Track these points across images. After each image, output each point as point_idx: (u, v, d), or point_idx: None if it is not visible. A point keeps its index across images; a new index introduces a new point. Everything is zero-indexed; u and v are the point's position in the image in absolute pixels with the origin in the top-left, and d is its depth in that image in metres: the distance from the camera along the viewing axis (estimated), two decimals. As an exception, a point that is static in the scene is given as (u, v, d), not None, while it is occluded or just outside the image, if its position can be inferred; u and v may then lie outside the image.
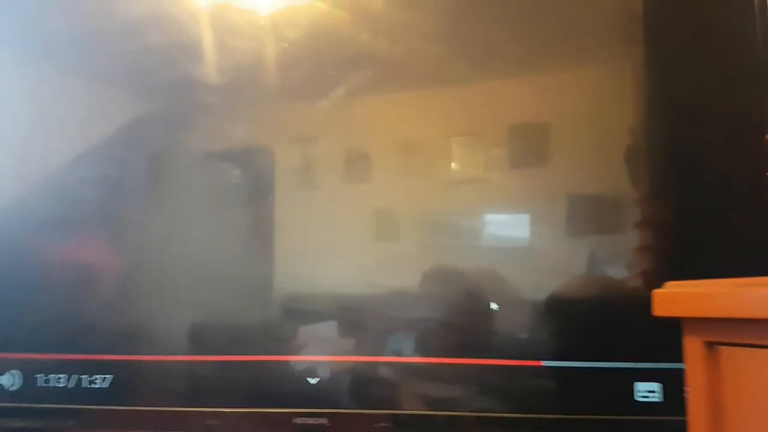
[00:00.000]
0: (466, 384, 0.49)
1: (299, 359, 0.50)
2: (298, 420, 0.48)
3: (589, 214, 0.49)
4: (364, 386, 0.49)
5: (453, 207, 0.51)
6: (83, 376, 0.50)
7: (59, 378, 0.51)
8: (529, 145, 0.50)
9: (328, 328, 0.50)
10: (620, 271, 0.49)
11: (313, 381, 0.49)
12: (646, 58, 0.49)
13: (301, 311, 0.50)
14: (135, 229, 0.53)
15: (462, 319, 0.50)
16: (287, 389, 0.49)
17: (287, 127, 0.52)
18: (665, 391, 0.47)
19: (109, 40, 0.54)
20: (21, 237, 0.53)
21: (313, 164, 0.53)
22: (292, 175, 0.52)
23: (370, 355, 0.49)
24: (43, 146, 0.54)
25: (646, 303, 0.49)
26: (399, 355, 0.49)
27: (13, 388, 0.51)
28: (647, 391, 0.48)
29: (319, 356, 0.50)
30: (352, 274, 0.51)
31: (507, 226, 0.51)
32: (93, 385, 0.50)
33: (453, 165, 0.51)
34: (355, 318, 0.50)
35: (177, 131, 0.53)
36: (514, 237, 0.50)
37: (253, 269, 0.51)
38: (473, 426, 0.48)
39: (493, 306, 0.49)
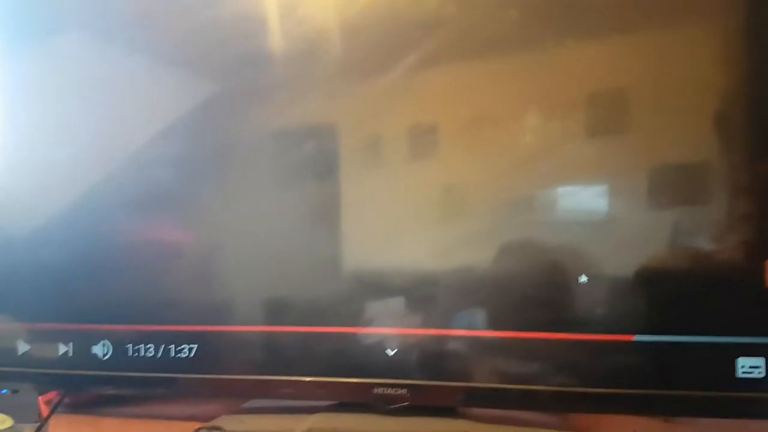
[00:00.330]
0: (549, 359, 0.47)
1: (376, 331, 0.49)
2: (378, 390, 0.48)
3: (676, 184, 0.46)
4: (444, 359, 0.48)
5: (527, 181, 0.48)
6: (170, 346, 0.52)
7: (148, 348, 0.53)
8: (609, 113, 0.47)
9: (402, 303, 0.49)
10: (713, 243, 0.45)
11: (391, 353, 0.49)
12: (738, 14, 0.45)
13: (372, 287, 0.50)
14: (209, 207, 0.53)
15: (544, 293, 0.47)
16: (366, 360, 0.49)
17: (353, 102, 0.51)
18: (770, 366, 0.44)
19: (173, 18, 0.54)
20: (105, 218, 0.55)
21: (381, 139, 0.51)
22: (359, 151, 0.51)
23: (449, 328, 0.48)
24: (118, 130, 0.55)
25: (748, 274, 0.46)
26: (477, 329, 0.48)
27: (106, 357, 0.54)
28: (750, 366, 0.45)
29: (397, 329, 0.49)
30: (424, 251, 0.49)
31: (586, 199, 0.48)
32: (179, 355, 0.52)
33: (527, 137, 0.48)
34: (431, 293, 0.49)
35: (243, 110, 0.53)
36: (594, 210, 0.47)
37: (324, 246, 0.51)
38: (557, 401, 0.46)
39: (582, 278, 0.46)
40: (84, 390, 0.57)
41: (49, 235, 0.56)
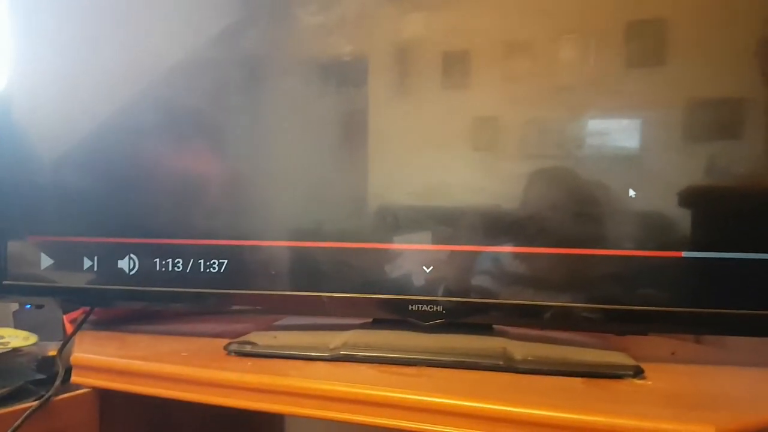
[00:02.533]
0: (592, 276, 0.45)
1: (412, 248, 0.47)
2: (413, 307, 0.46)
3: (713, 118, 0.43)
4: (481, 276, 0.46)
5: (560, 113, 0.45)
6: (199, 261, 0.50)
7: (177, 262, 0.50)
8: (647, 44, 0.43)
9: (437, 222, 0.47)
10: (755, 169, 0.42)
11: (427, 270, 0.47)
12: None
13: (406, 209, 0.47)
14: (240, 130, 0.50)
15: (587, 210, 0.45)
16: (401, 277, 0.47)
17: (382, 30, 0.47)
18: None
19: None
20: (133, 137, 0.52)
21: (410, 70, 0.47)
22: (389, 82, 0.47)
23: (488, 245, 0.46)
24: (148, 52, 0.52)
25: None
26: (516, 245, 0.45)
27: (132, 272, 0.51)
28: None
29: (433, 245, 0.46)
30: (456, 183, 0.46)
31: (621, 130, 0.44)
32: (209, 270, 0.50)
33: (561, 67, 0.45)
34: (467, 213, 0.46)
35: (270, 36, 0.49)
36: (631, 142, 0.44)
37: (355, 171, 0.48)
38: (598, 319, 0.44)
39: (631, 193, 0.43)
40: (110, 305, 0.55)
41: (76, 152, 0.53)
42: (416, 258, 0.47)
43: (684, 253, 0.43)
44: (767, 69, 0.42)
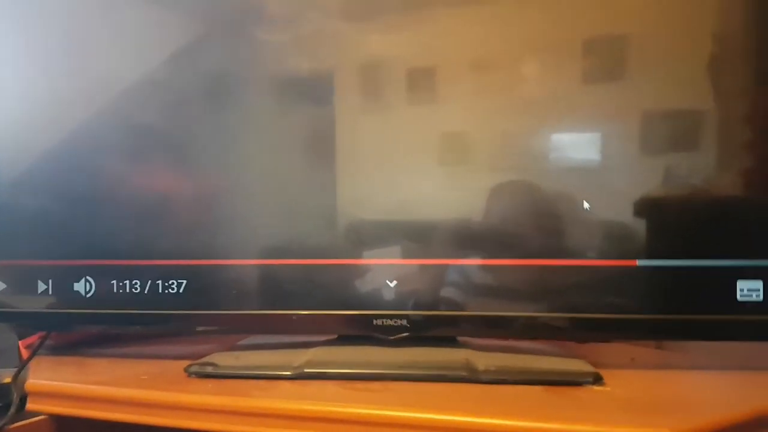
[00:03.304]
0: (550, 286, 0.45)
1: (376, 262, 0.47)
2: (378, 321, 0.46)
3: (669, 131, 0.44)
4: (444, 289, 0.46)
5: (524, 127, 0.46)
6: (158, 282, 0.48)
7: (134, 283, 0.49)
8: (605, 60, 0.45)
9: (402, 236, 0.47)
10: (710, 175, 0.44)
11: (391, 284, 0.46)
12: None
13: (371, 224, 0.47)
14: (202, 145, 0.49)
15: (545, 222, 0.46)
16: (365, 292, 0.46)
17: (347, 47, 0.47)
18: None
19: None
20: (88, 155, 0.50)
21: (377, 86, 0.48)
22: (356, 98, 0.47)
23: (449, 258, 0.46)
24: (108, 66, 0.51)
25: (746, 200, 0.45)
26: (477, 258, 0.46)
27: (89, 295, 0.49)
28: (749, 289, 0.44)
29: (397, 260, 0.46)
30: (420, 198, 0.47)
31: (582, 144, 0.46)
32: (168, 291, 0.48)
33: (524, 83, 0.46)
34: (431, 226, 0.46)
35: (233, 52, 0.49)
36: (589, 156, 0.45)
37: (321, 186, 0.48)
38: (557, 329, 0.45)
39: (585, 205, 0.44)
40: (66, 329, 0.53)
41: (30, 174, 0.51)
42: (381, 272, 0.47)
43: (639, 262, 0.44)
44: (719, 83, 0.44)
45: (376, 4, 0.47)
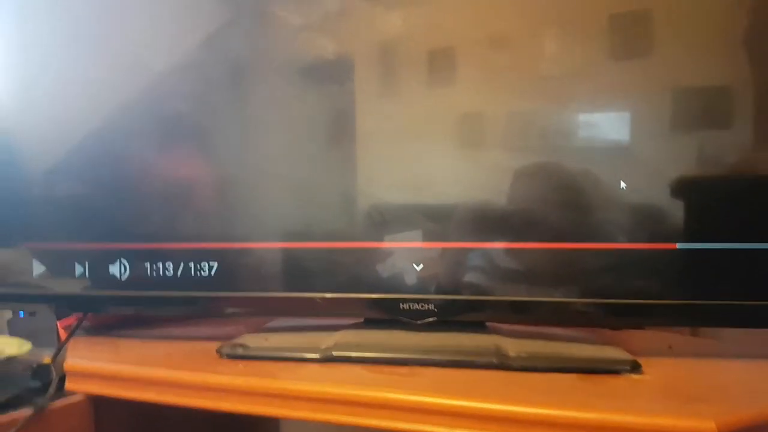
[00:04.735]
0: (586, 270, 0.43)
1: (402, 245, 0.45)
2: (405, 305, 0.44)
3: (703, 107, 0.41)
4: (473, 273, 0.44)
5: (546, 106, 0.43)
6: (189, 264, 0.48)
7: (167, 266, 0.48)
8: (631, 35, 0.41)
9: (427, 218, 0.45)
10: (747, 156, 0.40)
11: (418, 267, 0.45)
12: None
13: (395, 206, 0.45)
14: (228, 132, 0.48)
15: (577, 202, 0.43)
16: (392, 275, 0.45)
17: (365, 29, 0.45)
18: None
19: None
20: (121, 142, 0.50)
21: (396, 68, 0.46)
22: (374, 81, 0.46)
23: (478, 241, 0.44)
24: (129, 59, 0.50)
25: None
26: (507, 241, 0.43)
27: (124, 277, 0.49)
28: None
29: (424, 242, 0.44)
30: (444, 179, 0.45)
31: (608, 123, 0.43)
32: (200, 273, 0.48)
33: (546, 60, 0.43)
34: (457, 209, 0.44)
35: (256, 40, 0.48)
36: (619, 136, 0.42)
37: (343, 170, 0.46)
38: (593, 313, 0.42)
39: (622, 185, 0.42)
40: (102, 311, 0.53)
41: (65, 160, 0.51)
42: (406, 256, 0.45)
43: (678, 245, 0.41)
44: (755, 56, 0.40)
45: None
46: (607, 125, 0.43)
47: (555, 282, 0.43)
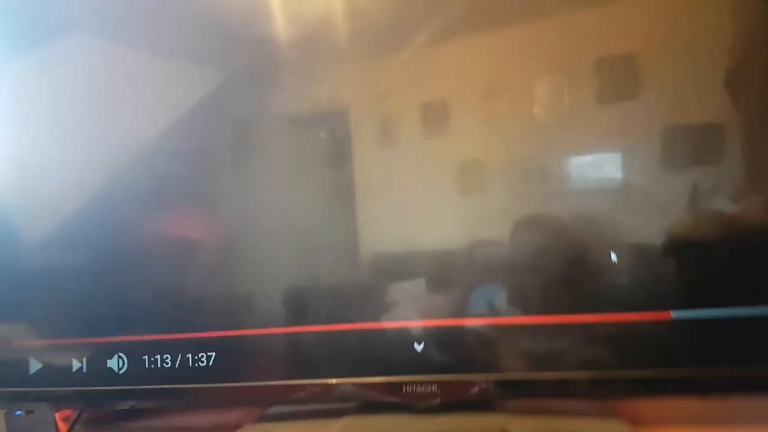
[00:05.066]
0: (582, 343, 0.42)
1: (402, 325, 0.45)
2: (408, 388, 0.44)
3: (691, 146, 0.41)
4: (474, 350, 0.44)
5: (540, 151, 0.43)
6: (187, 355, 0.47)
7: (165, 358, 0.48)
8: (620, 78, 0.43)
9: (427, 293, 0.45)
10: (739, 208, 0.41)
11: (419, 347, 0.45)
12: None
13: (395, 274, 0.45)
14: (221, 202, 0.48)
15: (572, 273, 0.43)
16: (393, 357, 0.44)
17: (364, 82, 0.46)
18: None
19: (178, 8, 0.49)
20: (114, 224, 0.50)
21: (393, 119, 0.47)
22: (372, 133, 0.46)
23: (477, 317, 0.44)
24: (127, 126, 0.50)
25: None
26: (506, 315, 0.43)
27: (122, 371, 0.49)
28: (793, 337, 0.41)
29: (424, 321, 0.44)
30: (444, 231, 0.45)
31: (603, 166, 0.43)
32: (198, 364, 0.47)
33: (538, 106, 0.44)
34: (455, 280, 0.44)
35: (254, 96, 0.48)
36: (612, 177, 0.42)
37: (342, 233, 0.46)
38: (595, 387, 0.42)
39: (613, 257, 0.42)
40: (101, 406, 0.52)
41: (57, 244, 0.50)
42: (407, 336, 0.45)
43: (673, 313, 0.41)
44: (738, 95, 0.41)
45: (387, 42, 0.46)
46: (604, 169, 0.43)
47: (555, 356, 0.43)
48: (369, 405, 0.46)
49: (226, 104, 0.49)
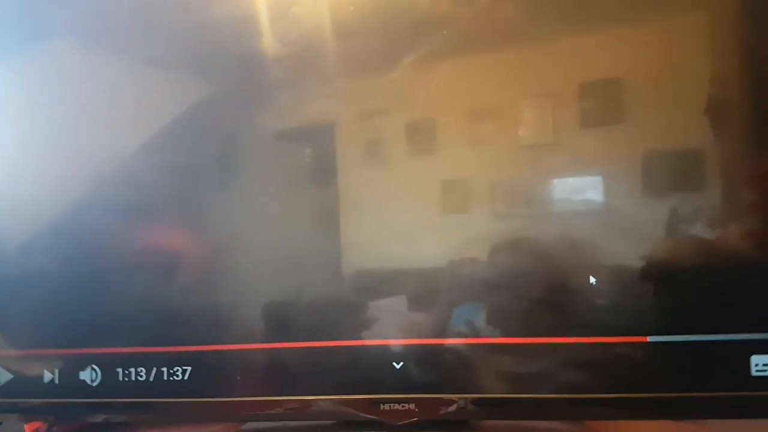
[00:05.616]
0: (560, 365, 0.43)
1: (382, 343, 0.44)
2: (385, 406, 0.43)
3: (674, 173, 0.42)
4: (453, 370, 0.43)
5: (524, 173, 0.44)
6: (162, 369, 0.46)
7: (140, 371, 0.47)
8: (603, 103, 0.43)
9: (408, 311, 0.45)
10: (719, 234, 0.42)
11: (397, 365, 0.44)
12: (731, 2, 0.42)
13: (377, 292, 0.45)
14: (202, 215, 0.48)
15: (552, 295, 0.43)
16: (372, 375, 0.44)
17: (350, 101, 0.46)
18: (784, 364, 0.41)
19: (166, 20, 0.49)
20: (91, 233, 0.49)
21: (379, 138, 0.47)
22: (357, 151, 0.46)
23: (457, 337, 0.43)
24: (108, 136, 0.50)
25: (758, 266, 0.43)
26: (485, 336, 0.43)
27: (95, 383, 0.47)
28: (764, 364, 0.42)
29: (404, 339, 0.44)
30: (427, 250, 0.45)
31: (586, 191, 0.44)
32: (173, 378, 0.46)
33: (523, 129, 0.44)
34: (437, 298, 0.44)
35: (239, 111, 0.48)
36: (593, 200, 0.43)
37: (325, 251, 0.46)
38: (572, 409, 0.42)
39: (591, 280, 0.42)
40: (72, 419, 0.50)
41: (34, 252, 0.49)
42: (386, 353, 0.44)
43: (649, 338, 0.42)
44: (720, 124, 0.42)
45: (375, 62, 0.46)
46: (585, 192, 0.44)
47: (533, 376, 0.43)
48: (347, 423, 0.46)
49: (213, 117, 0.48)
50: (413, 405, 0.43)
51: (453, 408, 0.43)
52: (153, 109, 0.50)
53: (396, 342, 0.44)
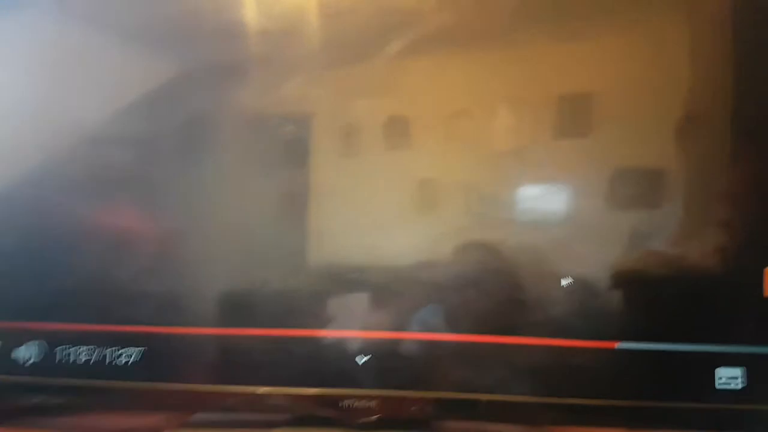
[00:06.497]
0: (526, 366, 0.41)
1: (344, 335, 0.42)
2: (345, 403, 0.41)
3: (640, 188, 0.41)
4: (417, 367, 0.41)
5: (495, 177, 0.43)
6: (106, 351, 0.43)
7: (80, 352, 0.43)
8: (577, 116, 0.42)
9: (373, 304, 0.42)
10: (694, 249, 0.41)
11: (360, 361, 0.42)
12: (705, 21, 0.41)
13: (341, 285, 0.43)
14: (165, 192, 0.45)
15: (519, 296, 0.42)
16: (333, 369, 0.41)
17: (330, 87, 0.44)
18: (749, 377, 0.40)
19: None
20: (46, 199, 0.45)
21: (356, 128, 0.45)
22: (333, 139, 0.44)
23: (422, 332, 0.41)
24: (70, 106, 0.46)
25: (725, 282, 0.43)
26: (450, 332, 0.41)
27: (30, 362, 0.43)
28: (729, 377, 0.41)
29: (367, 332, 0.42)
30: (396, 245, 0.43)
31: (554, 198, 0.43)
32: (117, 361, 0.43)
33: (497, 134, 0.43)
34: (403, 293, 0.42)
35: (211, 92, 0.45)
36: (561, 209, 0.42)
37: (291, 238, 0.44)
38: (535, 413, 0.41)
39: (564, 281, 0.41)
40: (5, 399, 0.46)
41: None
42: (349, 347, 0.42)
43: (618, 345, 0.41)
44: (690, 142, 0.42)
45: (357, 51, 0.44)
46: (554, 200, 0.43)
47: (501, 378, 0.41)
48: (301, 418, 0.43)
49: (183, 95, 0.45)
50: (374, 402, 0.41)
51: (415, 408, 0.41)
52: (120, 82, 0.46)
53: (360, 335, 0.42)
